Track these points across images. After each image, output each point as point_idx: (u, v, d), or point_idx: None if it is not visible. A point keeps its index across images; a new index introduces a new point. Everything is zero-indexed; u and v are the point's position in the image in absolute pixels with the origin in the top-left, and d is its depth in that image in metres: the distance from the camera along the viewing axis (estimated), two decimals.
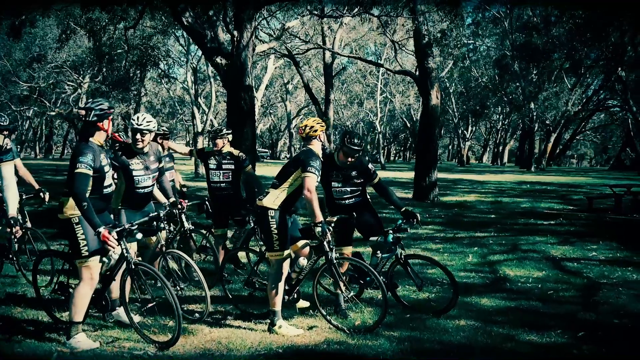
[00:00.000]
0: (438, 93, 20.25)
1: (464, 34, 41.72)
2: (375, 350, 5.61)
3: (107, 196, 5.76)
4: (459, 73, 53.86)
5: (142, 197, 6.75)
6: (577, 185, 27.99)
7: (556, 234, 12.75)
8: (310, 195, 5.96)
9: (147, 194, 6.79)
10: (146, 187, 6.72)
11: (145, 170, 6.65)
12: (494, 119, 66.62)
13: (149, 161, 6.69)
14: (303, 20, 32.35)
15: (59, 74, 46.48)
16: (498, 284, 8.37)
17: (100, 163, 5.56)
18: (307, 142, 6.34)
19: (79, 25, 29.21)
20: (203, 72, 53.04)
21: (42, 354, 5.33)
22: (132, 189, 6.65)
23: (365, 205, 7.02)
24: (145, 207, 6.76)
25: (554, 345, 5.82)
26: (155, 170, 6.77)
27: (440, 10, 21.34)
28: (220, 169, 8.39)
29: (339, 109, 63.53)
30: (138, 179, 6.62)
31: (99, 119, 5.57)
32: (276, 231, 6.15)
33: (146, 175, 6.67)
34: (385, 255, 6.76)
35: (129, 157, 6.61)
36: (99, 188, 5.59)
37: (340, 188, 6.89)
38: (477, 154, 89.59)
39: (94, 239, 5.47)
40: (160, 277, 5.70)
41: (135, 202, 6.66)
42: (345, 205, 6.90)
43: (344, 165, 6.80)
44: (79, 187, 5.35)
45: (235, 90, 16.63)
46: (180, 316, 5.46)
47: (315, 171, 6.06)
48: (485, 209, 18.01)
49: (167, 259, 6.83)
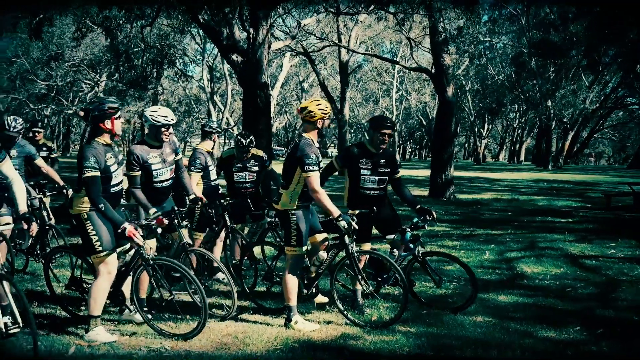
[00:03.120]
0: (454, 91, 20.16)
1: (480, 31, 41.46)
2: (392, 345, 5.59)
3: (115, 194, 5.75)
4: (475, 70, 53.58)
5: (161, 191, 6.63)
6: (595, 183, 27.77)
7: (574, 231, 12.65)
8: (317, 194, 5.92)
9: (165, 188, 6.67)
10: (164, 180, 6.59)
11: (163, 163, 6.53)
12: (511, 117, 66.23)
13: (166, 153, 6.57)
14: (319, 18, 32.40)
15: (76, 72, 46.83)
16: (515, 281, 8.31)
17: (106, 162, 5.54)
18: (305, 126, 6.19)
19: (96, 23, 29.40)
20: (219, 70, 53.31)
21: (60, 348, 5.37)
22: (151, 184, 6.53)
23: (385, 201, 6.93)
24: (164, 203, 6.64)
25: (572, 341, 5.77)
26: (172, 163, 6.65)
27: (457, 7, 21.25)
28: (245, 171, 8.46)
29: (354, 107, 63.47)
30: (156, 173, 6.49)
31: (98, 119, 5.53)
32: (295, 227, 6.12)
33: (164, 169, 6.54)
34: (403, 253, 6.74)
35: (145, 152, 6.47)
36: (105, 187, 5.59)
37: (369, 176, 6.70)
38: (493, 152, 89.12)
39: (106, 234, 5.51)
40: (182, 268, 5.71)
41: (154, 197, 6.52)
42: (368, 196, 6.72)
43: (377, 152, 6.72)
44: (91, 191, 5.41)
45: (251, 88, 16.67)
46: (206, 307, 5.50)
47: (314, 167, 5.95)
48: (502, 207, 17.92)
49: (189, 256, 6.76)
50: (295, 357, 5.33)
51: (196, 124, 70.40)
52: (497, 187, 25.79)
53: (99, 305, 5.65)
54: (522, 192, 23.02)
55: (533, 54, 42.58)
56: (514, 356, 5.43)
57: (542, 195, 21.41)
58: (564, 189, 24.40)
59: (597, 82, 46.21)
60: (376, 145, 6.68)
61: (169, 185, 6.69)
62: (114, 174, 5.64)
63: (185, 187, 6.87)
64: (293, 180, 6.10)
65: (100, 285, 5.63)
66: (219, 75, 54.64)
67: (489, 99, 56.96)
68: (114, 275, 5.72)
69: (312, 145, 6.08)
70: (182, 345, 5.50)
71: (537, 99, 46.26)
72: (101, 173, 5.50)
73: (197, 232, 8.09)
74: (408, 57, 43.68)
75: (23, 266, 8.26)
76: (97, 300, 5.62)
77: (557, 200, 19.58)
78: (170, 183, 6.69)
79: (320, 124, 6.12)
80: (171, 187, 6.76)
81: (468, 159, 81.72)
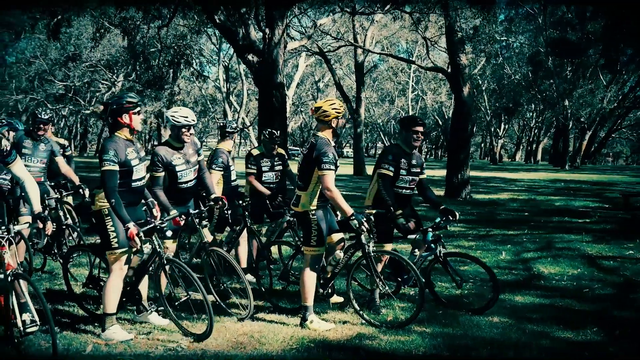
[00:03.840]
0: (470, 90, 20.08)
1: (497, 31, 41.24)
2: (408, 345, 5.58)
3: (136, 190, 5.79)
4: (492, 70, 53.31)
5: (186, 191, 6.62)
6: (613, 184, 27.54)
7: (591, 232, 12.55)
8: (331, 193, 5.92)
9: (190, 188, 6.66)
10: (189, 181, 6.59)
11: (187, 164, 6.52)
12: (527, 116, 65.80)
13: (189, 154, 6.57)
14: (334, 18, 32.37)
15: (93, 72, 47.18)
16: (532, 282, 8.27)
17: (126, 156, 5.60)
18: (320, 126, 6.19)
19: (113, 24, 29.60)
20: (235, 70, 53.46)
21: (77, 347, 5.41)
22: (176, 185, 6.52)
23: (410, 201, 6.96)
24: (189, 203, 6.66)
25: (589, 343, 5.73)
26: (195, 164, 6.64)
27: (473, 7, 21.16)
28: (273, 170, 8.58)
29: (370, 107, 63.38)
30: (181, 174, 6.48)
31: (116, 113, 5.61)
32: (316, 227, 6.12)
33: (188, 169, 6.54)
34: (425, 253, 6.74)
35: (169, 154, 6.45)
36: (126, 181, 5.65)
37: (405, 176, 6.74)
38: (509, 152, 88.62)
39: (123, 231, 5.54)
40: (190, 273, 5.72)
41: (180, 197, 6.54)
42: (401, 195, 6.75)
43: (410, 152, 6.76)
44: (106, 183, 5.48)
45: (267, 88, 16.71)
46: (211, 313, 5.51)
47: (330, 166, 5.95)
48: (519, 207, 17.82)
49: (210, 255, 6.68)
50: (310, 356, 5.34)
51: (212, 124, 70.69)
52: (513, 187, 25.66)
53: (113, 302, 5.70)
54: (539, 192, 22.88)
55: (550, 53, 42.28)
56: (531, 357, 5.40)
57: (559, 195, 21.27)
58: (581, 189, 24.22)
59: (614, 82, 45.77)
60: (410, 144, 6.71)
61: (194, 186, 6.71)
62: (134, 168, 5.68)
63: (206, 187, 6.86)
64: (311, 181, 6.09)
65: (113, 282, 5.70)
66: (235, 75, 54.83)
67: (506, 98, 56.63)
68: (124, 273, 5.77)
69: (330, 144, 6.09)
70: (198, 344, 5.53)
71: (554, 98, 45.94)
72: (121, 167, 5.56)
73: (217, 232, 8.15)
74: (424, 56, 43.60)
75: (41, 265, 8.34)
76: (110, 297, 5.68)
77: (575, 200, 19.44)
78: (195, 183, 6.71)
79: (335, 123, 6.12)
80: (195, 187, 6.78)
81: (484, 158, 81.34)
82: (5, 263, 4.91)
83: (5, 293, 4.93)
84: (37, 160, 8.13)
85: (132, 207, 5.73)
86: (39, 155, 8.14)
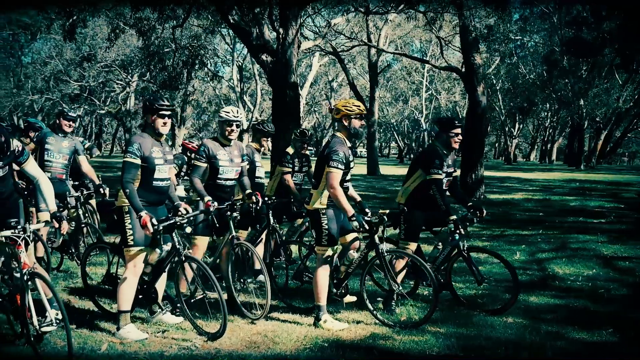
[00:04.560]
0: (484, 90, 19.99)
1: (511, 30, 41.04)
2: (422, 345, 5.57)
3: (158, 189, 5.83)
4: (506, 69, 53.05)
5: (224, 190, 6.65)
6: (628, 184, 27.36)
7: (607, 232, 12.46)
8: (334, 191, 5.96)
9: (229, 187, 6.70)
10: (228, 179, 6.64)
11: (230, 162, 6.60)
12: (542, 116, 65.40)
13: (233, 154, 6.65)
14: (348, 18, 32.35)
15: (108, 73, 47.47)
16: (546, 282, 8.23)
17: (151, 154, 5.68)
18: (338, 126, 6.27)
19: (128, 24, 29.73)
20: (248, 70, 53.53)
21: (92, 345, 5.45)
22: (215, 181, 6.60)
23: None
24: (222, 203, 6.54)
25: (605, 344, 5.70)
26: (238, 164, 6.71)
27: (488, 7, 21.08)
28: (301, 172, 8.66)
29: (384, 107, 63.26)
30: (222, 170, 6.55)
31: (146, 112, 5.79)
32: (326, 227, 6.15)
33: (230, 167, 6.61)
34: (447, 244, 6.73)
35: (215, 148, 6.56)
36: (147, 179, 5.72)
37: (444, 178, 6.82)
38: (524, 152, 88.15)
39: (140, 229, 5.60)
40: (207, 271, 5.75)
41: (216, 195, 6.47)
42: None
43: (448, 153, 6.84)
44: (123, 173, 5.62)
45: (281, 88, 16.73)
46: (225, 312, 5.53)
47: (338, 164, 6.01)
48: (533, 207, 17.73)
49: (234, 251, 6.59)
50: (324, 356, 5.35)
51: None
52: (528, 187, 25.53)
53: (126, 299, 5.77)
54: (554, 192, 22.76)
55: (565, 52, 41.99)
56: (545, 358, 5.38)
57: (574, 195, 21.13)
58: (597, 189, 24.06)
59: (630, 81, 45.38)
60: (449, 146, 6.78)
61: (232, 186, 6.76)
62: (157, 167, 5.74)
63: (243, 184, 6.91)
64: (322, 179, 6.14)
65: (127, 280, 5.77)
66: (249, 75, 54.89)
67: (520, 98, 56.30)
68: (139, 269, 5.82)
69: (344, 144, 6.14)
70: (212, 344, 5.55)
71: (569, 97, 45.63)
72: (143, 162, 5.66)
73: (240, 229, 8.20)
74: (438, 56, 43.47)
75: (57, 264, 8.39)
76: (124, 294, 5.76)
77: (590, 200, 19.31)
78: (234, 184, 6.77)
79: (347, 122, 6.16)
80: (233, 190, 6.82)
81: (498, 158, 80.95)
82: (21, 262, 4.96)
83: (21, 292, 4.98)
84: (60, 156, 8.22)
85: (153, 206, 5.78)
86: (62, 151, 8.23)
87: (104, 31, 39.23)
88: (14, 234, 4.92)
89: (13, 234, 4.92)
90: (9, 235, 4.91)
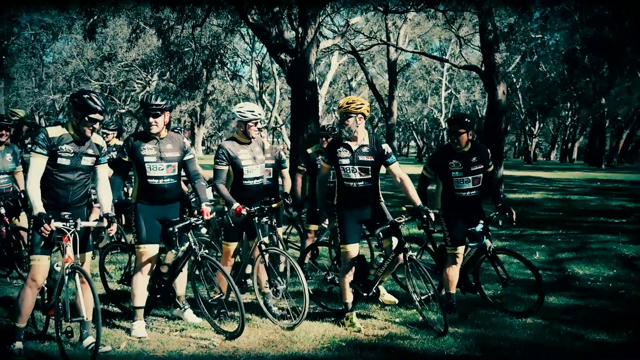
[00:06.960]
0: (504, 89, 19.86)
1: (532, 28, 40.71)
2: (440, 345, 5.56)
3: (153, 188, 5.78)
4: (526, 68, 52.64)
5: (251, 190, 6.39)
6: None
7: (628, 232, 12.32)
8: None
9: (256, 187, 6.43)
10: (255, 178, 6.39)
11: (253, 160, 6.34)
12: (563, 115, 64.78)
13: (255, 151, 6.40)
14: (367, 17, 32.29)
15: (128, 72, 47.79)
16: (566, 283, 8.17)
17: (140, 151, 5.76)
18: None
19: (148, 24, 29.94)
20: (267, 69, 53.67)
21: (111, 343, 5.50)
22: (241, 182, 6.34)
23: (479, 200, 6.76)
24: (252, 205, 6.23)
25: (625, 345, 5.65)
26: (262, 161, 6.47)
27: (508, 5, 20.92)
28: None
29: (402, 106, 63.07)
30: (247, 169, 6.29)
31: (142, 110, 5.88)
32: (341, 225, 6.15)
33: (254, 165, 6.35)
34: (473, 244, 6.65)
35: (235, 148, 6.30)
36: (141, 176, 5.80)
37: (461, 177, 6.53)
38: (544, 151, 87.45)
39: (145, 229, 5.74)
40: (223, 271, 5.80)
41: (243, 197, 6.22)
42: (465, 197, 6.56)
43: (462, 152, 6.59)
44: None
45: (300, 87, 16.76)
46: (243, 311, 5.56)
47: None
48: (553, 207, 17.59)
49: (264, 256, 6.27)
50: (342, 355, 5.36)
51: None
52: (548, 186, 25.32)
53: (138, 296, 5.88)
54: (574, 191, 22.55)
55: (586, 50, 41.59)
56: (564, 359, 5.35)
57: (595, 194, 20.93)
58: (618, 188, 23.80)
59: None
60: (454, 145, 6.62)
61: (260, 185, 6.49)
62: (147, 164, 5.75)
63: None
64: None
65: (137, 276, 5.89)
66: (268, 74, 55.00)
67: (540, 97, 55.85)
68: (148, 266, 5.89)
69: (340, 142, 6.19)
70: (231, 343, 5.58)
71: (590, 96, 45.19)
72: (134, 160, 5.79)
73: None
74: (457, 55, 43.23)
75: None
76: (136, 290, 5.87)
77: (611, 200, 19.12)
78: (261, 183, 6.51)
79: (343, 118, 6.07)
80: (262, 189, 6.55)
81: (518, 157, 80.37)
82: (65, 255, 5.04)
83: (59, 286, 5.06)
84: None
85: (155, 205, 5.81)
86: None
87: (124, 31, 39.55)
88: (65, 226, 5.01)
89: (64, 226, 5.00)
90: (60, 228, 4.99)
